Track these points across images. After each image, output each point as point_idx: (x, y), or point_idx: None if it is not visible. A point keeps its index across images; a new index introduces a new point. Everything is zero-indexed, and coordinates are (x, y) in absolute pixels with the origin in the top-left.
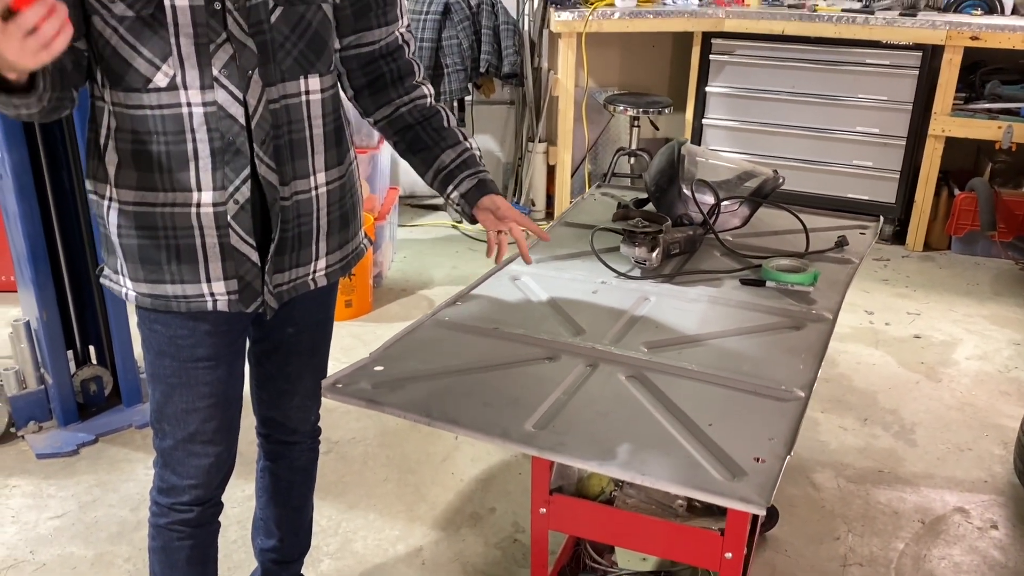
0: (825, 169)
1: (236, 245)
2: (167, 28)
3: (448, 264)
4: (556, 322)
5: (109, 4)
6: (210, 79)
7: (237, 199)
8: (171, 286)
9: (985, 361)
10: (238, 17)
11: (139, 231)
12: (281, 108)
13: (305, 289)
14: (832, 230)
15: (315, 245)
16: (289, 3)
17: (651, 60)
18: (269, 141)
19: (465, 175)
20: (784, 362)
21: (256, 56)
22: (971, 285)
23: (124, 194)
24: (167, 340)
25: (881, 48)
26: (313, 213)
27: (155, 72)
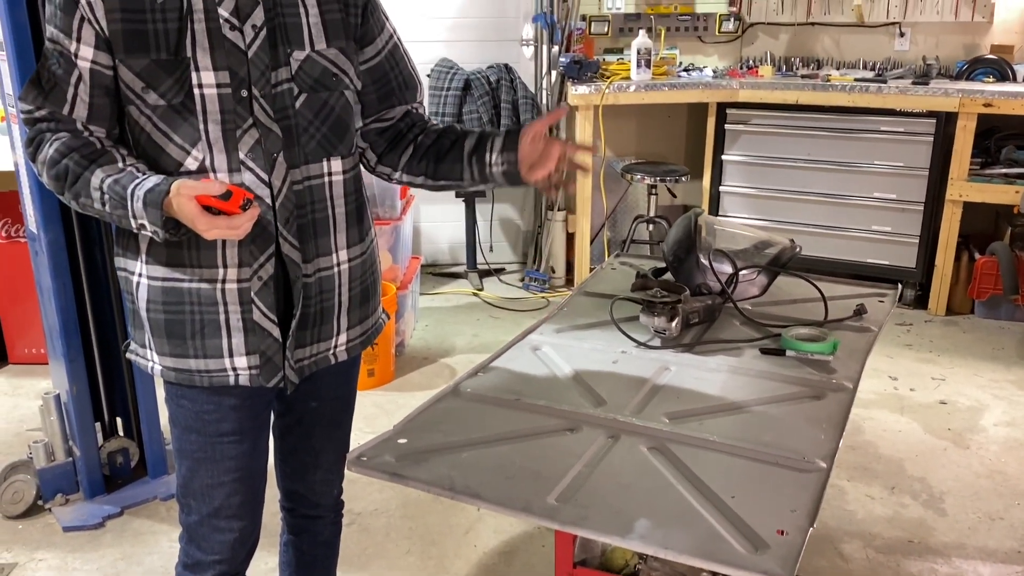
0: (844, 235)
1: (259, 321)
2: (196, 115)
3: (469, 332)
4: (577, 392)
5: (143, 94)
6: (237, 162)
7: (261, 276)
8: (194, 360)
9: (1014, 427)
10: (264, 104)
11: (166, 306)
12: (305, 189)
13: (326, 364)
14: (850, 298)
15: (336, 320)
16: (313, 90)
17: (667, 129)
18: (293, 220)
19: (492, 141)
20: (806, 432)
21: (281, 140)
22: (996, 349)
23: (154, 270)
24: (194, 415)
25: (895, 116)
26: (335, 289)
27: (186, 156)
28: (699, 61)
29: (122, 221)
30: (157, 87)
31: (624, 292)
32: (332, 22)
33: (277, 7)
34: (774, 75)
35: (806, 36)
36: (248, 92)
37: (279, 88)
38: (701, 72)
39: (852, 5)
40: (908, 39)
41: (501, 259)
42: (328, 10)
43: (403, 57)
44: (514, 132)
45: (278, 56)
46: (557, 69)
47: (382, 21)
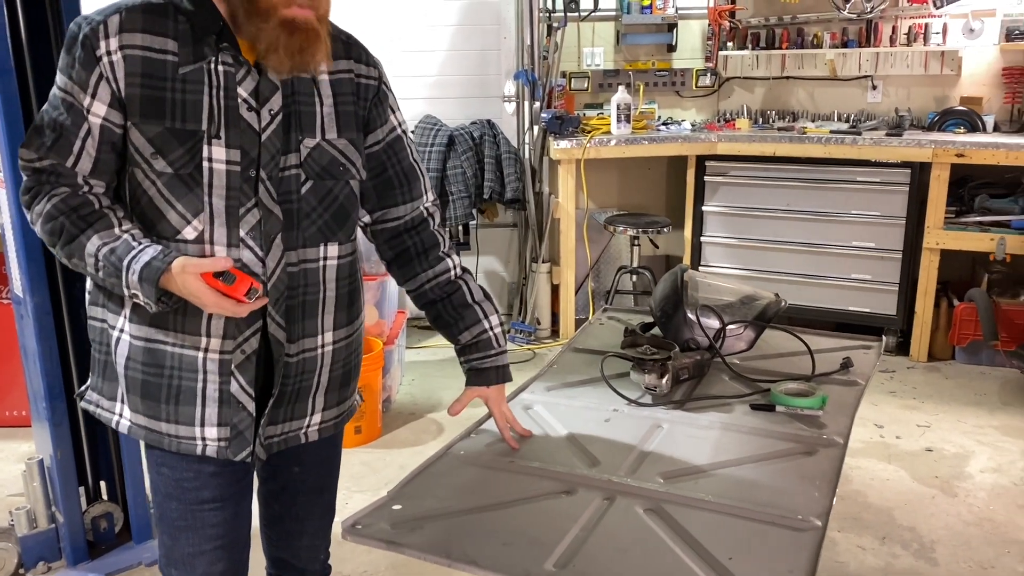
0: (825, 283)
1: (235, 393)
2: (203, 187)
3: (456, 385)
4: (571, 453)
5: (152, 160)
6: (237, 239)
7: (244, 350)
8: (166, 424)
9: (1000, 474)
10: (270, 186)
11: (146, 367)
12: (299, 271)
13: (296, 443)
14: (836, 351)
15: (312, 400)
16: (319, 177)
17: (648, 181)
18: (282, 301)
19: (474, 357)
20: (799, 490)
21: (281, 222)
22: (979, 395)
23: (137, 329)
24: (173, 483)
25: (871, 167)
26: (316, 370)
27: (186, 226)
28: (677, 115)
29: (115, 288)
30: (167, 155)
31: (613, 347)
32: (344, 113)
33: (294, 95)
34: (751, 128)
35: (781, 89)
36: (256, 173)
37: (286, 173)
38: (680, 125)
39: (825, 60)
40: (880, 91)
41: None
42: (342, 102)
43: (405, 150)
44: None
45: (289, 142)
46: (539, 124)
47: (387, 113)
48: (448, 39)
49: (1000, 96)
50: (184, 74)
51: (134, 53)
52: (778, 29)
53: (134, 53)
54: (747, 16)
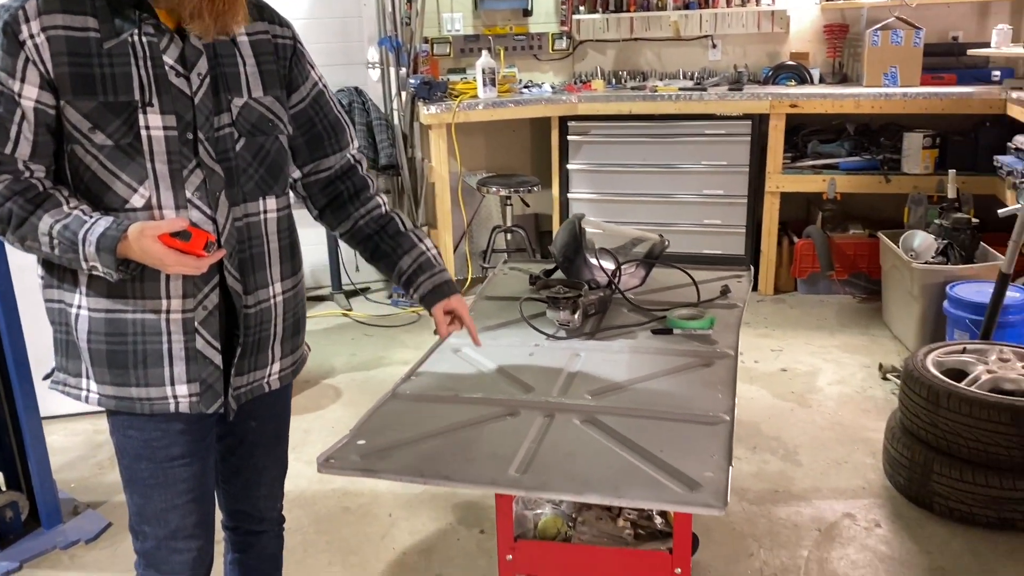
0: (680, 230)
1: (201, 349)
2: (144, 155)
3: (346, 352)
4: (506, 383)
5: (90, 135)
6: (183, 200)
7: (206, 305)
8: (136, 389)
9: (844, 385)
10: (208, 146)
11: (109, 336)
12: (244, 225)
13: (260, 392)
14: (714, 281)
15: (271, 350)
16: (251, 134)
17: (513, 143)
18: (235, 255)
19: (422, 280)
20: (706, 394)
21: (223, 180)
22: (820, 320)
23: (96, 302)
24: (142, 443)
25: (716, 120)
26: (272, 320)
27: (132, 194)
28: (536, 78)
29: (72, 264)
30: (105, 128)
31: (521, 293)
32: (267, 72)
33: (217, 57)
34: (606, 88)
35: (631, 51)
36: (193, 135)
37: (221, 132)
38: (540, 88)
39: (669, 21)
40: (720, 50)
41: (366, 278)
42: (263, 61)
43: (328, 103)
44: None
45: (220, 102)
46: (407, 90)
47: (307, 70)
48: (307, 8)
49: (823, 51)
50: (109, 48)
51: (56, 34)
52: None
53: (56, 34)
54: None
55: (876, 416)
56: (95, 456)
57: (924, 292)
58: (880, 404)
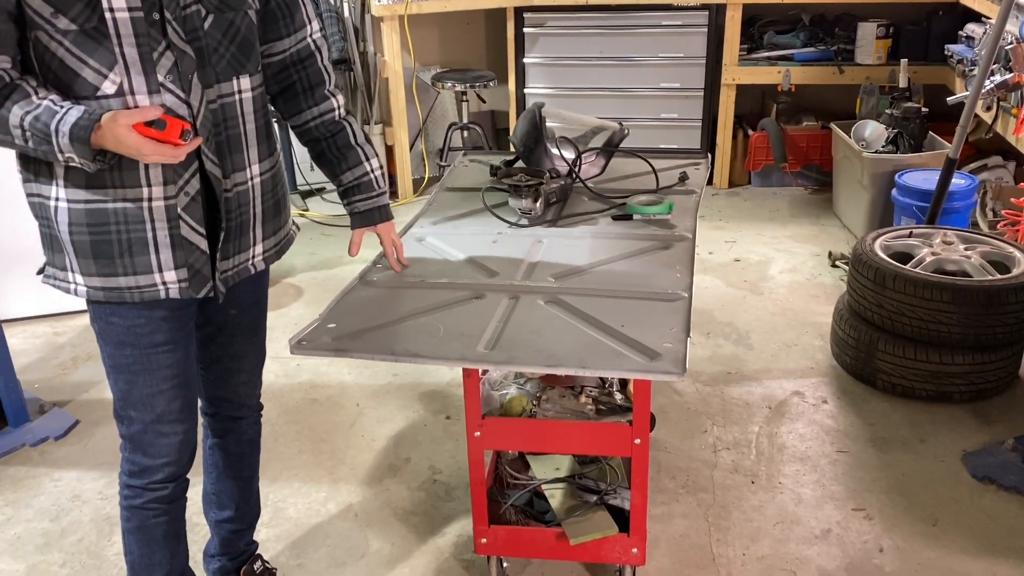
0: (637, 124)
1: (186, 235)
2: (111, 39)
3: (307, 251)
4: (471, 269)
5: (52, 19)
6: (156, 85)
7: (187, 191)
8: (124, 278)
9: (795, 273)
10: (176, 26)
11: (91, 227)
12: (219, 107)
13: (246, 274)
14: (672, 169)
15: (252, 232)
16: (219, 11)
17: (468, 37)
18: (211, 138)
19: (357, 199)
20: (665, 274)
21: (194, 61)
22: (772, 212)
23: (74, 193)
24: (125, 330)
25: (673, 10)
26: (251, 203)
27: (103, 81)
28: None
29: (48, 156)
30: (67, 11)
31: (482, 184)
32: None
33: None
34: None
35: None
36: (160, 15)
37: (188, 10)
38: None
39: None
40: None
41: (321, 178)
42: None
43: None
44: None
45: None
46: None
47: None
48: None
49: None
50: None
51: None
52: None
53: None
54: None
55: (825, 301)
56: (57, 357)
57: (874, 181)
58: (829, 290)
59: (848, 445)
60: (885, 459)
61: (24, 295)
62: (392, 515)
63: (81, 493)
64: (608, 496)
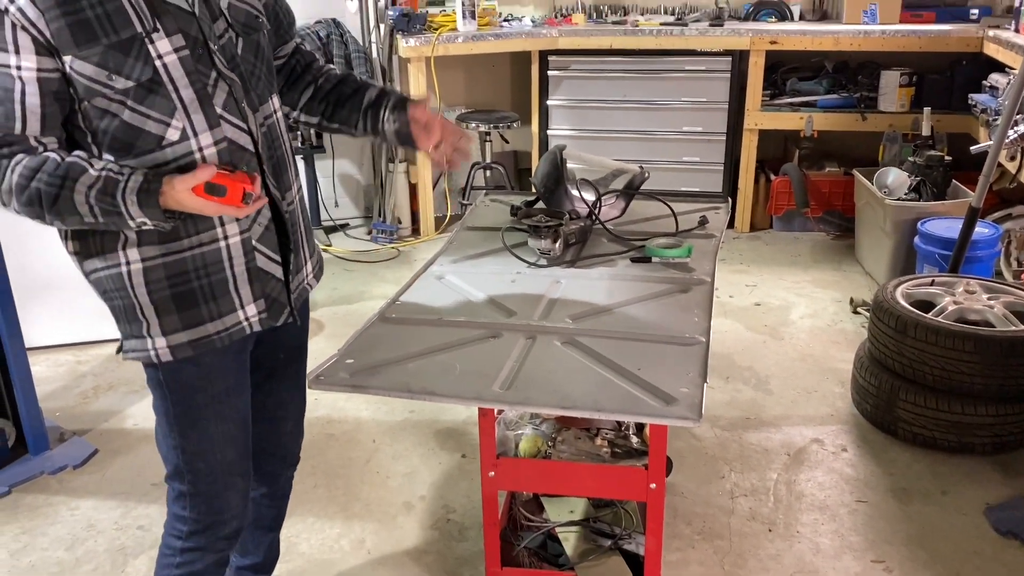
0: (659, 167)
1: (262, 266)
2: (166, 86)
3: (329, 286)
4: (489, 308)
5: (109, 82)
6: (215, 118)
7: (260, 221)
8: (211, 324)
9: (816, 318)
10: (220, 56)
11: (171, 280)
12: (267, 129)
13: (305, 294)
14: (692, 212)
15: (303, 250)
16: (246, 33)
17: (493, 78)
18: (269, 161)
19: (388, 99)
20: (683, 317)
21: (241, 86)
22: (794, 256)
23: (147, 251)
24: (197, 377)
25: (697, 56)
26: (298, 221)
27: (166, 129)
28: (517, 11)
29: (119, 226)
30: (122, 70)
31: (503, 224)
32: None
33: None
34: (587, 22)
35: None
36: (205, 48)
37: (223, 39)
38: (521, 22)
39: None
40: None
41: (344, 214)
42: None
43: None
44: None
45: (212, 9)
46: (386, 22)
47: None
48: None
49: None
50: None
51: None
52: None
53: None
54: None
55: (846, 348)
56: (79, 386)
57: (896, 228)
58: (850, 336)
59: (868, 495)
60: (906, 510)
61: (49, 323)
62: (405, 554)
63: (97, 523)
64: (623, 541)
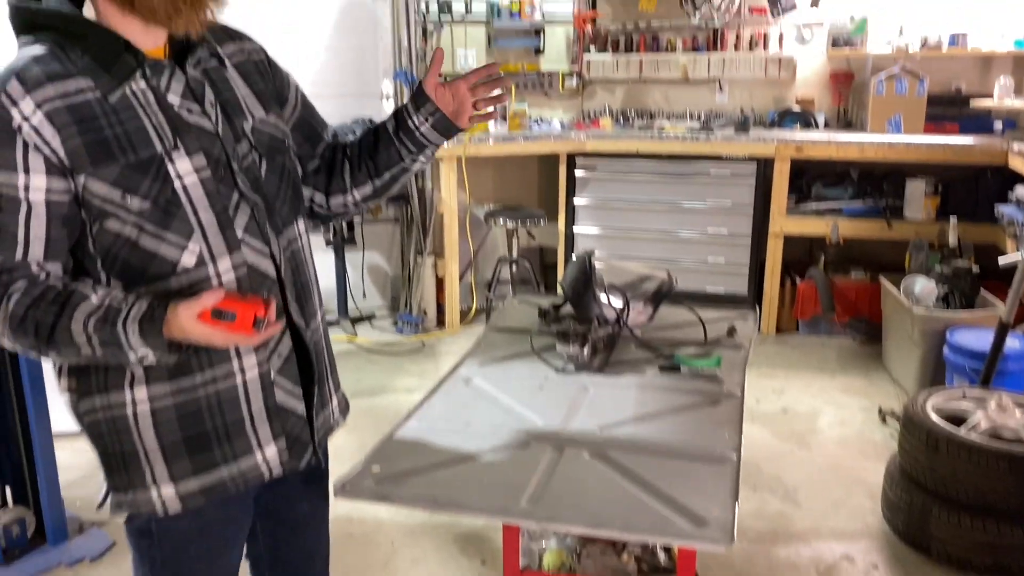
0: (684, 267)
1: (282, 402)
2: (184, 208)
3: (352, 377)
4: (517, 415)
5: (124, 203)
6: (235, 241)
7: (280, 352)
8: (226, 468)
9: (844, 427)
10: (243, 176)
11: (183, 421)
12: (290, 254)
13: (330, 431)
14: (720, 320)
15: (329, 382)
16: (270, 156)
17: (521, 176)
18: (292, 287)
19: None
20: (713, 433)
21: (264, 209)
22: (821, 362)
23: (157, 389)
24: (194, 528)
25: (722, 161)
26: (324, 351)
27: (181, 253)
28: (546, 114)
29: (118, 359)
30: (137, 190)
31: (529, 326)
32: (259, 92)
33: (216, 84)
34: (614, 126)
35: (639, 91)
36: (228, 169)
37: (247, 160)
38: (550, 124)
39: (678, 63)
40: (727, 93)
41: (371, 305)
42: (252, 82)
43: (307, 97)
44: (418, 90)
45: (235, 129)
46: None
47: (284, 74)
48: (326, 39)
49: (829, 97)
50: (113, 104)
51: (55, 106)
52: (635, 35)
53: (55, 106)
54: (608, 22)
55: (875, 459)
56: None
57: (924, 337)
58: (879, 447)
59: None
60: None
61: None
62: None
63: None
64: None
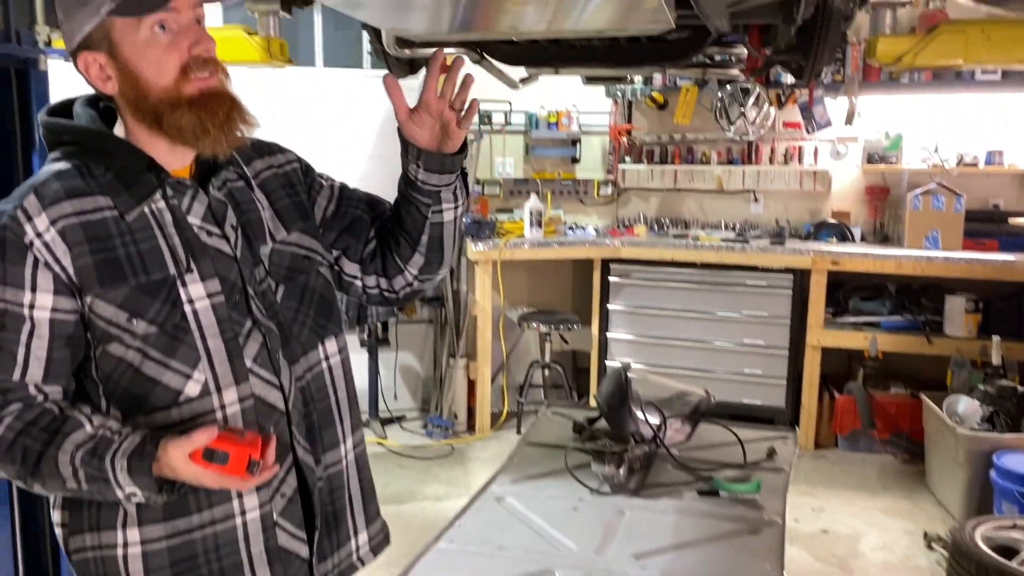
0: (719, 378)
1: (284, 544)
2: (192, 334)
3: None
4: (549, 539)
5: (129, 326)
6: (244, 371)
7: (284, 492)
8: None
9: (888, 552)
10: (258, 302)
11: (175, 567)
12: (307, 383)
13: (352, 572)
14: (760, 441)
15: (351, 519)
16: (288, 279)
17: (555, 281)
18: (302, 421)
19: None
20: (753, 564)
21: (278, 336)
22: (861, 480)
23: (150, 531)
24: None
25: (758, 271)
26: (344, 485)
27: (185, 382)
28: (581, 220)
29: (104, 495)
30: (144, 314)
31: (563, 441)
32: (283, 209)
33: (240, 206)
34: (648, 234)
35: (673, 200)
36: (243, 294)
37: (263, 285)
38: (584, 231)
39: (713, 175)
40: (761, 204)
41: (402, 407)
42: (276, 199)
43: (353, 190)
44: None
45: (254, 253)
46: None
47: (318, 179)
48: (371, 147)
49: (865, 211)
50: (130, 223)
51: (70, 223)
52: (670, 147)
53: (70, 223)
54: (643, 134)
55: None
56: None
57: (970, 459)
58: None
59: None
60: None
61: None
62: None
63: None
64: None
